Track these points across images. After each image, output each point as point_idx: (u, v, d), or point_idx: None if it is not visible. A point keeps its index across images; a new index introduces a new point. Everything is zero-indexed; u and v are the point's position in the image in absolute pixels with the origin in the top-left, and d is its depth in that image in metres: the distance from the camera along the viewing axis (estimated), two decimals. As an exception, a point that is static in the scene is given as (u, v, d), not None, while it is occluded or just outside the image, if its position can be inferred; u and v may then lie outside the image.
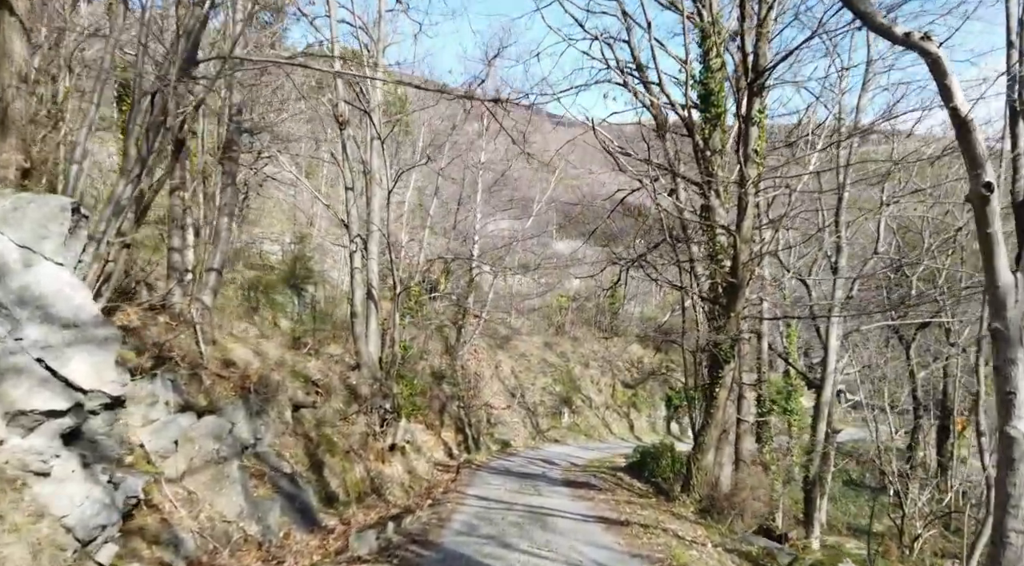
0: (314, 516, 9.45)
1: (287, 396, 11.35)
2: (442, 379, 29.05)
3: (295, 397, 11.98)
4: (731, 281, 13.12)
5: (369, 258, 15.79)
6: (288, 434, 11.08)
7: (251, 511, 8.21)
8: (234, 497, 8.11)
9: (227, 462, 8.24)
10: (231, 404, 9.35)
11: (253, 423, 9.56)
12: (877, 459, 28.41)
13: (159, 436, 8.11)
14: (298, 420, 11.78)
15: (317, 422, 12.55)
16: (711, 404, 13.53)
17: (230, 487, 8.13)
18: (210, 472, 8.09)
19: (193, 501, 7.80)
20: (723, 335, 12.77)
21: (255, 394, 9.77)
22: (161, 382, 8.48)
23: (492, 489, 15.55)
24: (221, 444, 8.28)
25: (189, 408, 8.82)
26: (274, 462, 9.61)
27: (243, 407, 9.44)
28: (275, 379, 10.97)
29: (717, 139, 14.24)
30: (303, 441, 11.40)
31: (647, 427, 38.70)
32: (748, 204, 12.67)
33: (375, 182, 15.65)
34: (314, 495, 10.45)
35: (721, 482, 13.56)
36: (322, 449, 11.96)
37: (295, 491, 9.39)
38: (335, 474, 12.00)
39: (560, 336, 41.38)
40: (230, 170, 10.65)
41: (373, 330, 16.00)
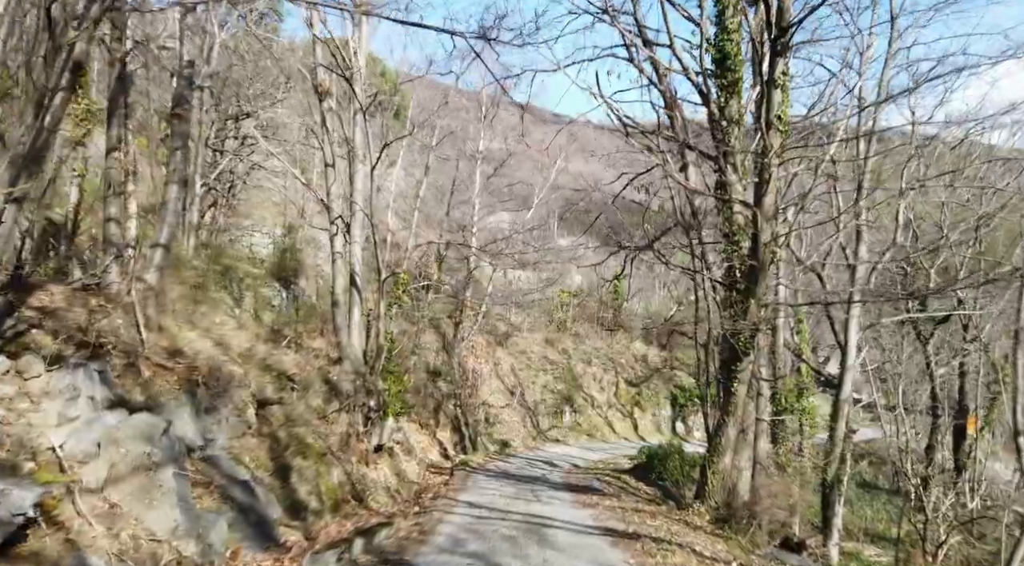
0: (272, 531, 8.10)
1: (250, 391, 10.00)
2: (438, 376, 27.71)
3: (261, 393, 10.63)
4: (751, 263, 11.74)
5: (352, 242, 14.44)
6: (251, 435, 9.73)
7: (189, 527, 6.85)
8: (167, 510, 6.76)
9: (160, 468, 6.88)
10: (174, 400, 8.00)
11: (201, 422, 8.21)
12: (897, 461, 27.09)
13: (78, 437, 6.77)
14: (264, 419, 10.43)
15: (287, 421, 11.20)
16: (728, 402, 12.16)
17: (163, 498, 6.77)
18: (138, 480, 6.74)
19: (115, 516, 6.45)
20: (743, 324, 11.40)
21: (205, 388, 8.42)
22: (84, 373, 7.14)
23: (486, 494, 14.20)
24: (153, 447, 6.93)
25: (121, 404, 7.47)
26: (227, 467, 8.26)
27: (189, 403, 8.09)
28: (234, 372, 9.63)
29: (734, 108, 12.89)
30: (269, 442, 10.05)
31: (652, 427, 37.31)
32: (771, 177, 11.29)
33: (358, 159, 14.30)
34: (277, 505, 9.09)
35: (739, 488, 12.19)
36: (292, 451, 10.62)
37: (250, 501, 8.03)
38: (307, 479, 10.65)
39: (562, 333, 39.99)
40: (181, 131, 9.32)
41: (356, 321, 14.66)
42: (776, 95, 11.38)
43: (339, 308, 14.27)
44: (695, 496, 12.74)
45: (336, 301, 14.28)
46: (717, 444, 12.21)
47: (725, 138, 12.59)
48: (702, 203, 15.28)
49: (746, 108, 13.15)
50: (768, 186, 11.39)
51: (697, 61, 13.12)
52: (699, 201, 15.16)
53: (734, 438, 12.14)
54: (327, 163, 14.23)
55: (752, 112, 13.71)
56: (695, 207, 14.52)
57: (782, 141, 11.42)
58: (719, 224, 13.00)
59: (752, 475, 13.08)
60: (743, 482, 12.36)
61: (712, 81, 12.93)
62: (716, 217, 15.96)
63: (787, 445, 19.42)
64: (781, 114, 11.50)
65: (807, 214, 17.37)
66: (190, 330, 10.09)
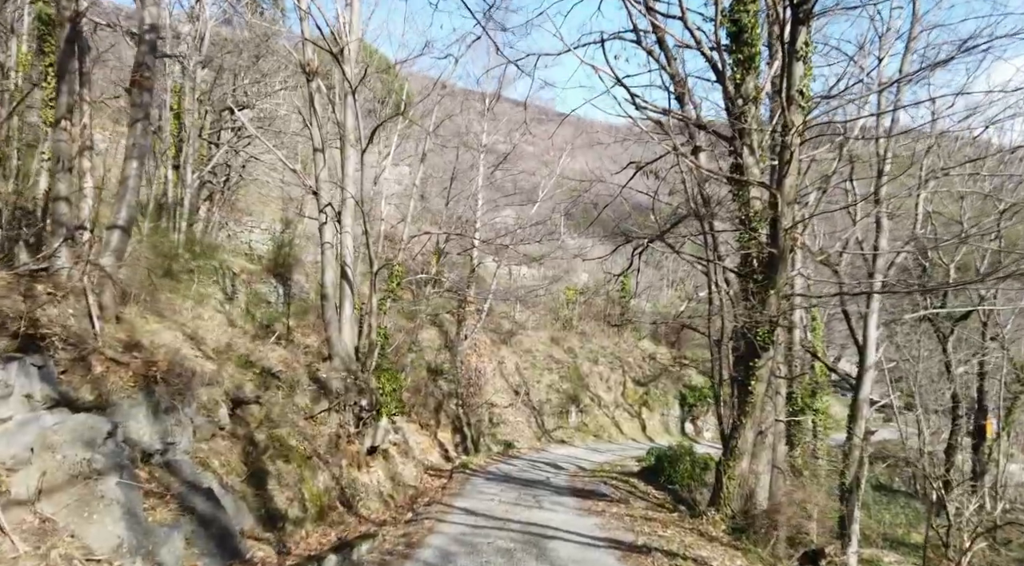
0: (237, 545, 7.23)
1: (223, 389, 9.14)
2: (439, 375, 26.86)
3: (238, 391, 9.77)
4: (770, 251, 10.82)
5: (343, 231, 13.57)
6: (222, 437, 8.87)
7: (137, 543, 5.99)
8: (110, 524, 5.90)
9: (103, 476, 6.03)
10: (128, 398, 7.14)
11: (160, 423, 7.35)
12: (916, 464, 26.06)
13: (8, 441, 5.94)
14: (240, 419, 9.58)
15: (268, 421, 10.34)
16: (745, 401, 11.22)
17: (105, 511, 5.92)
18: (76, 491, 5.89)
19: (46, 532, 5.61)
20: (763, 314, 10.47)
21: (165, 385, 7.56)
22: (19, 368, 6.29)
23: (485, 500, 13.31)
24: (95, 452, 6.07)
25: (65, 403, 6.63)
26: (189, 474, 7.40)
27: (145, 402, 7.23)
28: (203, 368, 8.77)
29: (751, 85, 11.96)
30: (243, 445, 9.19)
31: (660, 427, 36.35)
32: (792, 157, 10.36)
33: (349, 143, 13.43)
34: (249, 514, 8.23)
35: (757, 495, 11.26)
36: (271, 455, 9.75)
37: (214, 511, 7.16)
38: (287, 485, 9.78)
39: (567, 331, 39.07)
40: (142, 101, 8.45)
41: (348, 316, 13.79)
42: (798, 68, 10.45)
43: (329, 302, 13.40)
44: (710, 503, 11.80)
45: (325, 294, 13.41)
46: (733, 447, 11.27)
47: (741, 117, 11.66)
48: (715, 190, 14.38)
49: (764, 86, 12.21)
50: (789, 167, 10.47)
51: (711, 36, 12.19)
52: (712, 188, 14.25)
53: (752, 440, 11.20)
54: (315, 147, 13.37)
55: (769, 92, 12.79)
56: (707, 194, 13.62)
57: (804, 118, 10.48)
58: (734, 211, 12.07)
59: (771, 480, 12.10)
60: (762, 488, 11.42)
61: (727, 56, 11.99)
62: (730, 206, 15.06)
63: (804, 447, 18.40)
64: (803, 89, 10.56)
65: (827, 201, 16.38)
66: (158, 322, 9.25)
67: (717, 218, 13.91)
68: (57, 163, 7.71)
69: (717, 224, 13.93)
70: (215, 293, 19.81)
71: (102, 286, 7.76)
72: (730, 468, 11.25)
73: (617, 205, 20.47)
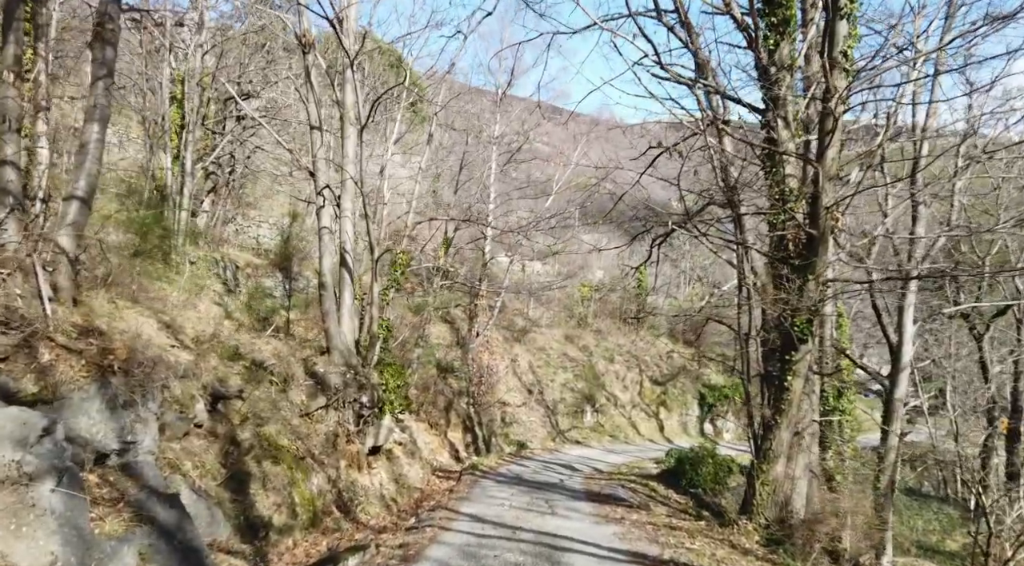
0: (204, 559, 6.27)
1: (200, 383, 8.22)
2: (449, 373, 25.92)
3: (220, 385, 8.85)
4: (808, 232, 9.75)
5: (342, 215, 12.65)
6: (198, 435, 7.96)
7: (76, 560, 5.07)
8: (43, 539, 4.98)
9: (36, 481, 5.11)
10: (79, 391, 6.22)
11: (117, 419, 6.42)
12: (953, 467, 24.77)
13: (-76, 439, 5.02)
14: (220, 416, 8.66)
15: (255, 418, 9.43)
16: (780, 399, 10.15)
17: (37, 522, 5.00)
18: (2, 498, 4.97)
19: (-39, 548, 4.69)
20: (803, 301, 9.41)
21: (124, 376, 6.64)
22: (-56, 353, 5.38)
23: (494, 505, 12.33)
24: (27, 452, 5.15)
25: (2, 395, 5.72)
26: (151, 478, 6.47)
27: (98, 395, 6.31)
28: (179, 359, 7.85)
29: (785, 51, 10.88)
30: (223, 445, 8.27)
31: (678, 428, 35.18)
32: (836, 127, 9.28)
33: (348, 121, 12.51)
34: (224, 523, 7.30)
35: (794, 502, 10.18)
36: (256, 455, 8.83)
37: (177, 521, 6.23)
38: (274, 489, 8.85)
39: (582, 329, 37.99)
40: (104, 57, 7.54)
41: (347, 306, 12.87)
42: (841, 27, 9.39)
43: (327, 291, 12.48)
44: (740, 510, 10.73)
45: (323, 283, 12.49)
46: (767, 449, 10.20)
47: (775, 87, 10.60)
48: (742, 171, 13.29)
49: (800, 51, 11.13)
50: (832, 137, 9.40)
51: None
52: (738, 170, 13.18)
53: (787, 442, 10.13)
54: (312, 125, 12.44)
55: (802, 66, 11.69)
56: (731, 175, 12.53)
57: (848, 83, 9.40)
58: (766, 192, 11.00)
59: (807, 486, 11.01)
60: (798, 495, 10.34)
61: (760, 20, 10.92)
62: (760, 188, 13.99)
63: (835, 449, 17.25)
64: (847, 50, 9.49)
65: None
66: (131, 308, 8.35)
67: (744, 204, 12.86)
68: (2, 122, 6.83)
69: (745, 209, 12.87)
70: (214, 285, 19.03)
71: (56, 264, 6.88)
72: (763, 472, 10.18)
73: (634, 198, 19.44)
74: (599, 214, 38.97)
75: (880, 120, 11.13)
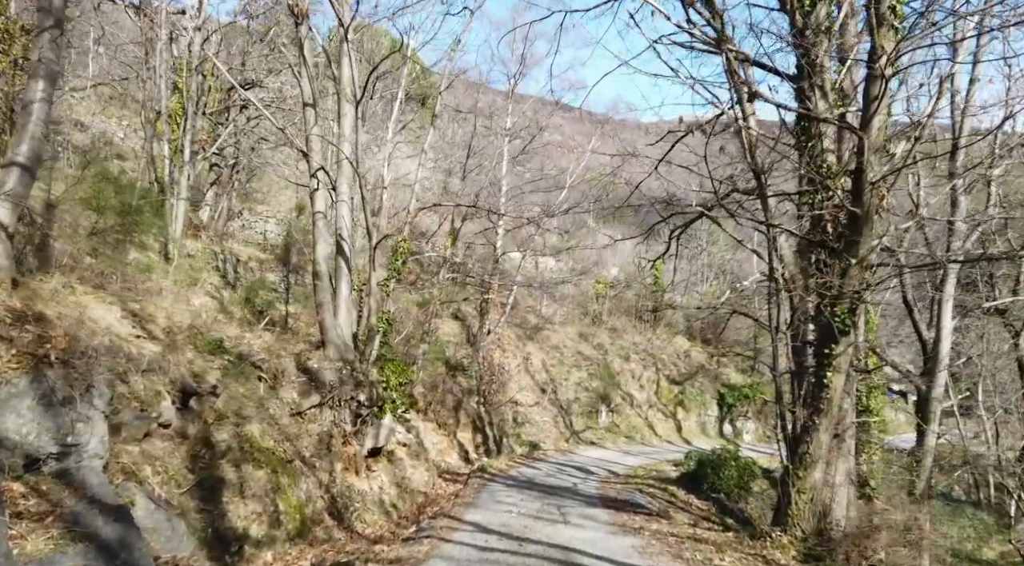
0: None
1: (167, 377, 7.33)
2: (458, 371, 24.99)
3: (193, 380, 7.96)
4: (852, 211, 8.69)
5: (338, 200, 11.75)
6: (162, 436, 7.06)
7: (-17, 588, 4.18)
8: (-62, 563, 4.09)
9: (-68, 492, 4.21)
10: (7, 385, 5.33)
11: (54, 418, 5.53)
12: (990, 471, 23.50)
13: None
14: (191, 415, 7.76)
15: (232, 417, 8.53)
16: (818, 397, 9.10)
17: (-69, 543, 4.10)
18: None
19: None
20: (847, 284, 8.37)
21: (63, 368, 5.75)
22: None
23: (501, 512, 11.37)
24: (-78, 457, 4.26)
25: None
26: (95, 486, 5.57)
27: (30, 390, 5.42)
28: (142, 351, 6.96)
29: (822, 13, 9.84)
30: (192, 447, 7.37)
31: (697, 429, 34.03)
32: (883, 92, 8.25)
33: (345, 98, 11.61)
34: (188, 537, 6.39)
35: (834, 512, 9.13)
36: (232, 459, 7.92)
37: (122, 536, 5.32)
38: (253, 496, 7.95)
39: (597, 326, 36.92)
40: (51, 5, 6.67)
41: (344, 297, 11.96)
42: (889, -22, 8.34)
43: (322, 281, 11.58)
44: (773, 521, 9.67)
45: (318, 272, 11.58)
46: (803, 453, 9.15)
47: (811, 52, 9.56)
48: (772, 150, 12.22)
49: (837, 15, 10.07)
50: (879, 104, 8.35)
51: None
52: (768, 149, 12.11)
53: (827, 445, 9.07)
54: (305, 102, 11.55)
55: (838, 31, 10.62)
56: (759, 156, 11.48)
57: (897, 42, 8.33)
58: (802, 168, 9.95)
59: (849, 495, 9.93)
60: (839, 504, 9.28)
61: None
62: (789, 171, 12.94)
63: (869, 452, 16.11)
64: (895, 4, 8.43)
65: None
66: (91, 294, 7.48)
67: (771, 189, 11.81)
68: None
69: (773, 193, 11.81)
70: (211, 278, 18.26)
71: (-9, 239, 6.03)
72: (799, 479, 9.13)
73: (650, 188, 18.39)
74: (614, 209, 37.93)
75: (931, 86, 10.04)
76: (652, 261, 19.32)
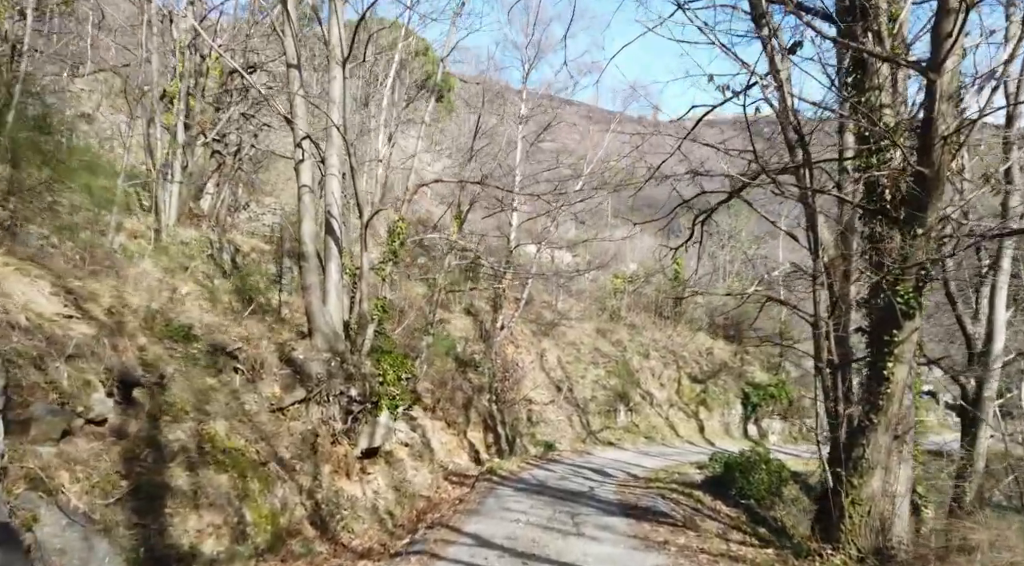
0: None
1: (102, 365, 6.15)
2: (469, 367, 23.77)
3: (126, 369, 6.77)
4: (918, 171, 7.32)
5: (327, 172, 10.58)
6: (91, 435, 5.89)
7: None
8: None
9: None
10: None
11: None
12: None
13: None
14: (133, 410, 6.59)
15: (190, 413, 7.34)
16: (876, 392, 7.75)
17: None
18: None
19: None
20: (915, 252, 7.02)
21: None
22: None
23: (507, 521, 10.12)
24: None
25: None
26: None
27: None
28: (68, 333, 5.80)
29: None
30: (131, 448, 6.19)
31: (720, 429, 32.53)
32: (958, 28, 6.87)
33: (334, 60, 10.42)
34: (110, 557, 5.21)
35: (895, 527, 7.76)
36: (185, 461, 6.74)
37: (7, 560, 4.15)
38: (211, 506, 6.75)
39: (615, 322, 35.52)
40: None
41: (334, 281, 10.78)
42: None
43: (309, 262, 10.39)
44: (823, 536, 8.30)
45: (304, 253, 10.40)
46: (858, 458, 7.79)
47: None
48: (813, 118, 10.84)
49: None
50: (953, 43, 6.97)
51: None
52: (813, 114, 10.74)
53: (886, 448, 7.71)
54: (289, 63, 10.37)
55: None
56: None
57: (974, -33, 6.95)
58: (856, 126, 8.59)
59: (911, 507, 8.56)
60: (900, 518, 7.90)
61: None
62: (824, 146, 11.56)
63: (917, 456, 14.58)
64: (972, -78, 7.04)
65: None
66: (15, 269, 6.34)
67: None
68: None
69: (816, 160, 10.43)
70: (203, 266, 17.20)
71: None
72: (854, 489, 7.77)
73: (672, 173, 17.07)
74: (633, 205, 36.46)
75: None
76: (675, 249, 17.80)
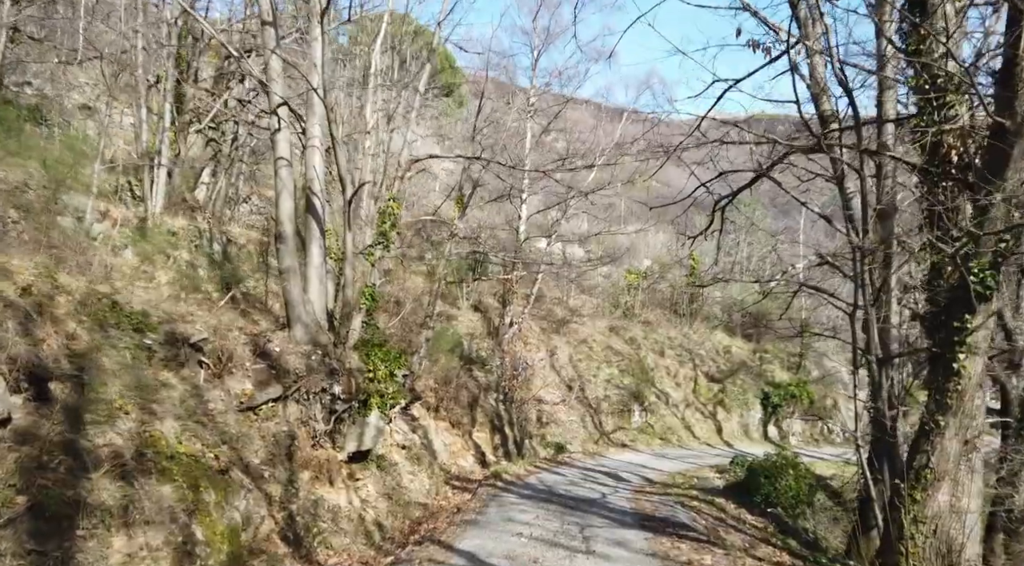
0: None
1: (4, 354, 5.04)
2: (475, 364, 22.64)
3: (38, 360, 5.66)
4: (997, 122, 6.07)
5: (309, 142, 9.46)
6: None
7: None
8: None
9: None
10: None
11: None
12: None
13: None
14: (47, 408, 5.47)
15: (128, 414, 6.23)
16: (944, 390, 6.50)
17: None
18: None
19: None
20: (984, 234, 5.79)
21: None
22: None
23: (509, 533, 8.96)
24: None
25: None
26: None
27: None
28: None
29: None
30: (40, 454, 5.07)
31: (738, 430, 31.19)
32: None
33: (315, 17, 9.30)
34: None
35: (967, 551, 6.51)
36: (114, 470, 5.62)
37: None
38: (147, 523, 5.63)
39: (629, 319, 34.26)
40: None
41: (316, 266, 9.65)
42: None
43: (285, 244, 9.27)
44: (878, 557, 7.06)
45: (280, 234, 9.28)
46: (921, 466, 6.55)
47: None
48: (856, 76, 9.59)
49: None
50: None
51: None
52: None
53: (955, 456, 6.47)
54: (264, 19, 9.24)
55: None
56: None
57: None
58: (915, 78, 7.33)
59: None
60: (971, 540, 6.65)
61: None
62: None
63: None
64: None
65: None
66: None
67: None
68: None
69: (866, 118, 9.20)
70: (194, 258, 16.18)
71: None
72: (917, 504, 6.52)
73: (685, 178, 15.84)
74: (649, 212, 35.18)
75: None
76: (692, 237, 16.56)
